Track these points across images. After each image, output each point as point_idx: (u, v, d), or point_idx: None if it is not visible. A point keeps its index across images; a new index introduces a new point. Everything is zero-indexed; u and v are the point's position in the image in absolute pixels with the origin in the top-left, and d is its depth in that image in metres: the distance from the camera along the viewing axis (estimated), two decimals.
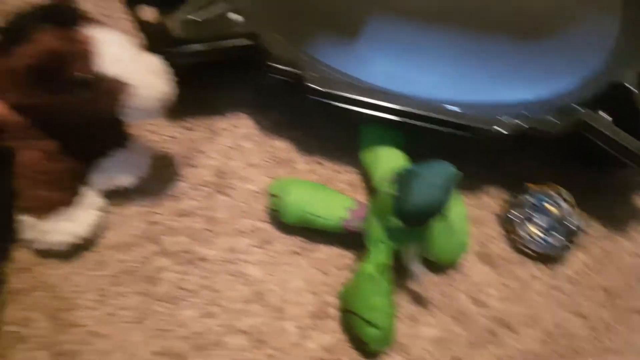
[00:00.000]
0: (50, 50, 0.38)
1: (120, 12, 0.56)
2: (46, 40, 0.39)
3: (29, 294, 0.51)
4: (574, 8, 0.62)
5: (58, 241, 0.50)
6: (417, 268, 0.49)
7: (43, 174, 0.47)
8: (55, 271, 0.52)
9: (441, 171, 0.42)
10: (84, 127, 0.48)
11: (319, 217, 0.52)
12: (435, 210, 0.43)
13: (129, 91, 0.43)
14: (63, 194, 0.49)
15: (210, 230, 0.55)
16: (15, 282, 0.51)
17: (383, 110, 0.51)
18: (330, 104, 0.53)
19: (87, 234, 0.52)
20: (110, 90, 0.43)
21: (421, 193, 0.42)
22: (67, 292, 0.51)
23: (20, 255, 0.52)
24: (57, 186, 0.48)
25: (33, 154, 0.46)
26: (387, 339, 0.49)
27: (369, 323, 0.47)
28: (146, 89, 0.43)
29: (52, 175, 0.47)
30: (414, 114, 0.51)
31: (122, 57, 0.43)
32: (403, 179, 0.43)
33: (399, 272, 0.53)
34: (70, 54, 0.41)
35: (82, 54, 0.41)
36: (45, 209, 0.48)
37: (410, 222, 0.44)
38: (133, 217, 0.55)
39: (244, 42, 0.53)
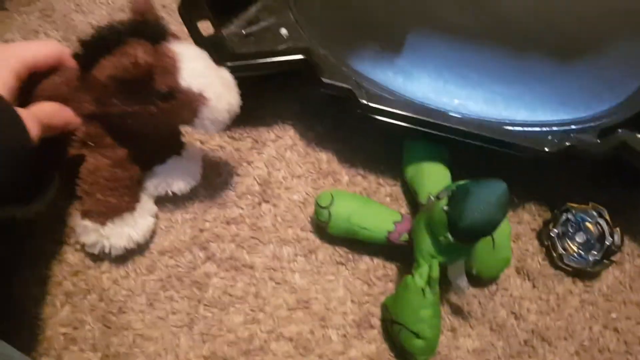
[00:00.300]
0: (139, 63, 0.40)
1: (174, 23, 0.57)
2: (135, 52, 0.40)
3: (81, 296, 0.52)
4: (614, 29, 0.63)
5: (117, 246, 0.51)
6: (462, 283, 0.50)
7: (110, 181, 0.48)
8: (107, 275, 0.54)
9: (495, 188, 0.43)
10: (152, 136, 0.49)
11: (365, 229, 0.53)
12: (490, 228, 0.44)
13: (205, 104, 0.45)
14: (127, 201, 0.50)
15: (256, 238, 0.57)
16: (68, 284, 0.53)
17: (433, 127, 0.53)
18: (375, 118, 0.54)
19: (144, 240, 0.53)
20: (189, 103, 0.44)
21: (476, 210, 0.43)
22: (118, 295, 0.53)
23: (74, 258, 0.54)
24: (122, 192, 0.49)
25: (102, 161, 0.48)
26: (432, 350, 0.50)
27: (416, 335, 0.48)
28: (220, 101, 0.45)
29: (119, 182, 0.49)
30: (465, 131, 0.52)
31: (202, 71, 0.44)
32: (457, 196, 0.45)
33: (441, 284, 0.54)
34: (156, 67, 0.42)
35: (167, 67, 0.43)
36: (110, 214, 0.50)
37: (464, 239, 0.45)
38: (182, 223, 0.57)
39: (296, 57, 0.54)
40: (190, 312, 0.53)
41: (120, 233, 0.51)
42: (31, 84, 0.44)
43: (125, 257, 0.54)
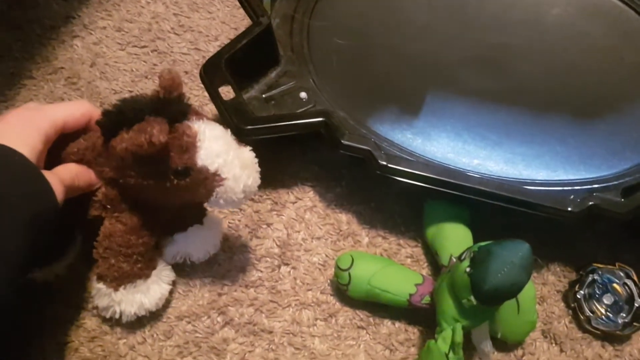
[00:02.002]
0: (153, 141, 0.40)
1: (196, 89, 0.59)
2: (154, 132, 0.40)
3: None
4: (631, 88, 0.64)
5: (129, 312, 0.51)
6: (486, 347, 0.49)
7: (123, 247, 0.48)
8: (124, 341, 0.53)
9: (519, 249, 0.43)
10: (170, 206, 0.49)
11: (386, 291, 0.52)
12: (514, 290, 0.43)
13: (221, 183, 0.45)
14: (141, 267, 0.50)
15: (275, 302, 0.56)
16: (85, 350, 0.52)
17: (453, 187, 0.53)
18: (395, 179, 0.54)
19: (156, 308, 0.53)
20: (205, 182, 0.45)
21: (500, 272, 0.42)
22: None
23: (91, 324, 0.53)
24: (136, 259, 0.49)
25: (117, 226, 0.48)
26: None
27: None
28: (236, 182, 0.45)
29: (133, 248, 0.49)
30: (485, 191, 0.52)
31: (221, 151, 0.44)
32: (480, 258, 0.44)
33: (465, 347, 0.53)
34: (174, 146, 0.43)
35: (186, 147, 0.43)
36: (123, 280, 0.49)
37: (487, 302, 0.44)
38: (200, 287, 0.56)
39: (316, 119, 0.55)
40: None
41: (132, 300, 0.50)
42: (59, 142, 0.46)
43: (142, 322, 0.53)
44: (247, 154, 0.47)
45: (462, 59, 0.65)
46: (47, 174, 0.41)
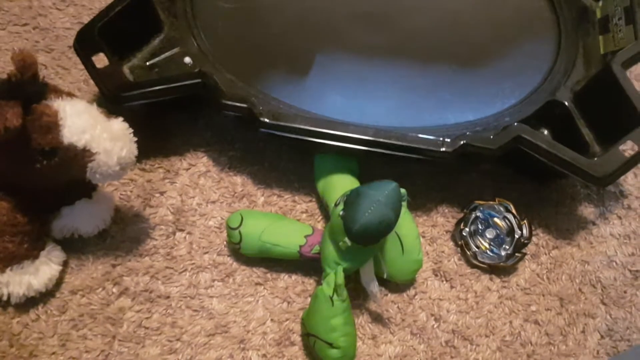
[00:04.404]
0: (9, 127, 0.39)
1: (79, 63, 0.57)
2: (8, 116, 0.39)
3: None
4: (511, 33, 0.66)
5: (16, 293, 0.50)
6: (373, 287, 0.51)
7: (12, 225, 0.47)
8: (16, 319, 0.52)
9: (386, 189, 0.44)
10: (52, 186, 0.49)
11: (277, 245, 0.53)
12: (383, 227, 0.44)
13: (93, 159, 0.44)
14: (28, 248, 0.49)
15: (171, 268, 0.56)
16: None
17: (331, 138, 0.54)
18: (283, 137, 0.55)
19: (45, 288, 0.52)
20: (75, 159, 0.44)
21: (368, 211, 0.44)
22: (30, 339, 0.51)
23: None
24: (23, 239, 0.49)
25: (4, 204, 0.47)
26: (350, 359, 0.50)
27: (330, 344, 0.48)
28: (108, 155, 0.45)
29: (21, 227, 0.48)
30: (361, 139, 0.53)
31: (86, 126, 0.44)
32: (350, 199, 0.45)
33: (357, 293, 0.54)
34: (34, 127, 0.42)
35: (47, 126, 0.42)
36: (9, 261, 0.48)
37: (360, 241, 0.45)
38: (93, 260, 0.56)
39: (194, 81, 0.55)
40: (105, 349, 0.52)
41: (19, 281, 0.50)
42: None
43: (34, 300, 0.53)
44: (117, 126, 0.47)
45: (349, 15, 0.66)
46: None
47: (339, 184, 0.56)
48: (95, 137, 0.44)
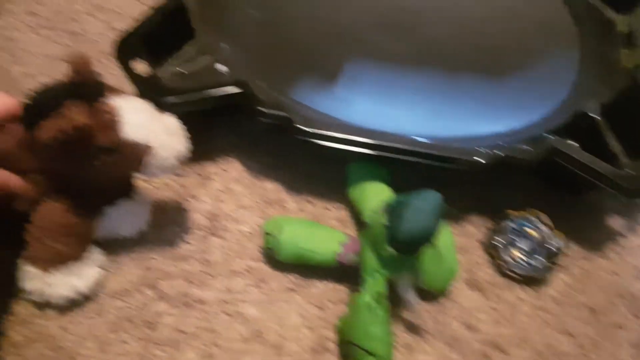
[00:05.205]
0: (77, 125, 0.41)
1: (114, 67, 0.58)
2: (73, 115, 0.41)
3: (28, 346, 0.51)
4: (535, 45, 0.67)
5: (60, 295, 0.51)
6: (410, 296, 0.51)
7: (65, 226, 0.48)
8: (54, 322, 0.52)
9: (429, 199, 0.45)
10: (102, 185, 0.50)
11: (314, 252, 0.53)
12: (426, 237, 0.45)
13: (150, 153, 0.46)
14: (74, 249, 0.50)
15: (206, 273, 0.56)
16: (15, 335, 0.51)
17: (368, 146, 0.54)
18: (315, 143, 0.56)
19: (88, 291, 0.53)
20: (133, 154, 0.46)
21: (412, 220, 0.44)
22: (67, 342, 0.52)
23: (19, 308, 0.53)
24: (71, 240, 0.49)
25: (53, 207, 0.48)
26: None
27: (368, 352, 0.48)
28: (165, 149, 0.47)
29: (73, 228, 0.49)
30: (398, 148, 0.54)
31: (143, 122, 0.46)
32: (393, 209, 0.46)
33: (393, 302, 0.54)
34: (96, 125, 0.43)
35: (108, 124, 0.44)
36: (55, 261, 0.49)
37: (403, 250, 0.46)
38: (129, 263, 0.56)
39: (232, 90, 0.56)
40: (142, 352, 0.52)
41: (64, 282, 0.50)
42: None
43: (72, 303, 0.53)
44: (171, 121, 0.48)
45: (374, 24, 0.67)
46: None
47: (373, 192, 0.57)
48: (152, 132, 0.46)
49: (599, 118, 0.59)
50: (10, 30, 0.70)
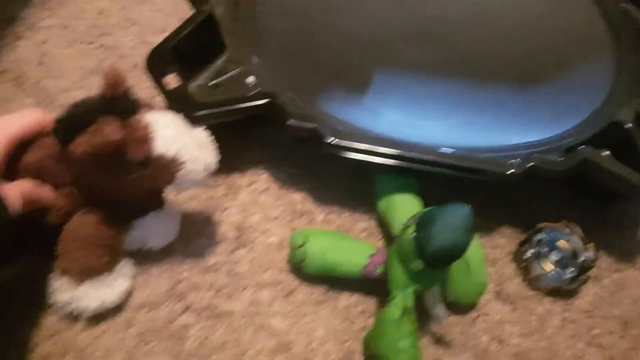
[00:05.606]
0: (110, 141, 0.42)
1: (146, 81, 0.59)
2: (107, 131, 0.42)
3: (57, 358, 0.52)
4: (568, 53, 0.66)
5: (90, 307, 0.51)
6: (439, 310, 0.50)
7: (98, 238, 0.49)
8: (83, 334, 0.53)
9: (460, 212, 0.44)
10: (133, 198, 0.50)
11: (341, 264, 0.53)
12: (457, 251, 0.44)
13: (181, 167, 0.47)
14: (106, 261, 0.51)
15: (233, 285, 0.57)
16: (44, 348, 0.52)
17: (397, 158, 0.54)
18: (343, 155, 0.56)
19: (118, 302, 0.53)
20: (165, 168, 0.46)
21: (442, 235, 0.44)
22: (96, 354, 0.52)
23: (49, 321, 0.53)
24: (103, 252, 0.50)
25: (85, 219, 0.49)
26: None
27: None
28: (196, 162, 0.47)
29: (106, 240, 0.50)
30: (428, 160, 0.53)
31: (175, 136, 0.46)
32: (423, 222, 0.45)
33: (421, 315, 0.54)
34: (129, 140, 0.44)
35: (141, 139, 0.45)
36: (86, 273, 0.50)
37: (433, 264, 0.45)
38: (158, 275, 0.56)
39: (261, 102, 0.56)
40: None
41: (95, 295, 0.51)
42: (15, 153, 0.47)
43: (101, 315, 0.53)
44: (201, 134, 0.49)
45: (402, 34, 0.66)
46: (6, 187, 0.43)
47: (402, 204, 0.56)
48: (184, 146, 0.47)
49: (632, 127, 0.57)
50: (46, 44, 0.71)
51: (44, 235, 0.50)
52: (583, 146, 0.55)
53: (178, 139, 0.46)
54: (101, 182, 0.47)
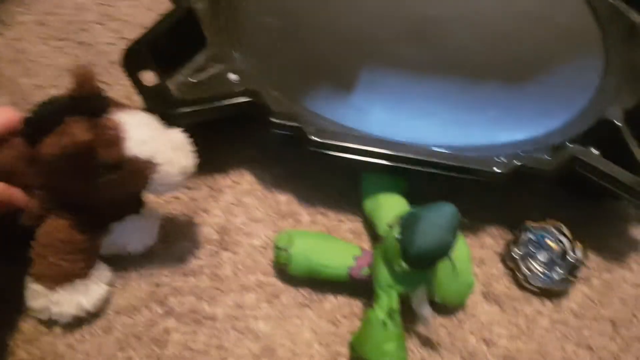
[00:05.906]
0: (80, 142, 0.40)
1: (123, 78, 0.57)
2: (75, 132, 0.40)
3: None
4: (557, 50, 0.65)
5: (66, 313, 0.50)
6: (425, 311, 0.49)
7: (69, 243, 0.47)
8: (61, 340, 0.51)
9: (444, 212, 0.43)
10: (107, 202, 0.48)
11: (326, 266, 0.52)
12: (441, 251, 0.43)
13: (155, 170, 0.45)
14: (81, 266, 0.49)
15: (216, 288, 0.55)
16: (22, 352, 0.51)
17: (382, 157, 0.53)
18: (328, 154, 0.54)
19: (94, 309, 0.51)
20: (138, 171, 0.44)
21: (426, 235, 0.43)
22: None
23: (26, 326, 0.52)
24: (76, 257, 0.48)
25: (57, 224, 0.47)
26: None
27: None
28: (171, 165, 0.45)
29: (78, 245, 0.48)
30: (414, 159, 0.52)
31: (148, 138, 0.44)
32: (407, 222, 0.44)
33: (407, 316, 0.53)
34: (99, 141, 0.42)
35: (111, 140, 0.43)
36: (60, 279, 0.48)
37: (417, 265, 0.45)
38: (138, 279, 0.55)
39: (243, 99, 0.54)
40: None
41: (70, 300, 0.49)
42: None
43: (80, 320, 0.52)
44: (177, 136, 0.47)
45: (390, 31, 0.65)
46: None
47: (388, 204, 0.55)
48: (157, 148, 0.45)
49: (621, 125, 0.57)
50: (21, 41, 0.69)
51: (18, 239, 0.49)
52: (572, 145, 0.54)
53: (151, 141, 0.44)
54: (71, 185, 0.45)
